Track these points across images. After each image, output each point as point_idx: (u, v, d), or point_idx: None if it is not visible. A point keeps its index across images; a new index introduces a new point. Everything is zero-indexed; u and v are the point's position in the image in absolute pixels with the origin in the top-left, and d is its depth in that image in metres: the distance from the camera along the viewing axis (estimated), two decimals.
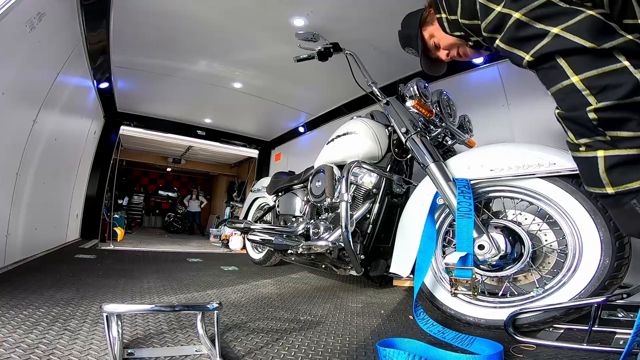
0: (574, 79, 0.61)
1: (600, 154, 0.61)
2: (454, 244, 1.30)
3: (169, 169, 10.63)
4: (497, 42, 0.76)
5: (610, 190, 0.62)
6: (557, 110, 0.69)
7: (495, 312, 1.22)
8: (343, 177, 1.58)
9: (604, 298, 1.00)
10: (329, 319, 1.36)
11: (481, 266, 1.27)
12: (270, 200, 2.76)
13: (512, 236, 1.26)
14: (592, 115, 0.60)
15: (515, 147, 1.33)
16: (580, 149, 0.65)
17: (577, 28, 0.61)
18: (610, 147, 0.60)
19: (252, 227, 2.39)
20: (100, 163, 4.49)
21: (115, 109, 4.42)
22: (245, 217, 3.17)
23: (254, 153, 5.85)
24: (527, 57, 0.69)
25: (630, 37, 0.60)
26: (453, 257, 1.16)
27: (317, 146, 2.59)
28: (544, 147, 1.22)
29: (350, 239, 1.52)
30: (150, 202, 11.20)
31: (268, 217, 2.84)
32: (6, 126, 1.83)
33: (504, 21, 0.71)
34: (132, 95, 4.09)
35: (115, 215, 5.52)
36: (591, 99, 0.60)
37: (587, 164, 0.64)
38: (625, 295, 1.06)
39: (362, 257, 1.71)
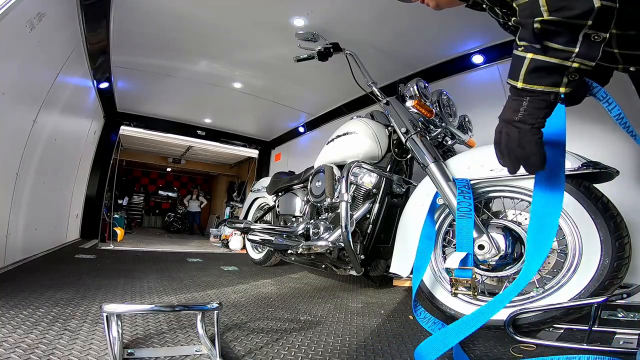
0: None
1: (529, 55, 0.75)
2: (454, 244, 1.30)
3: (169, 169, 10.62)
4: None
5: (520, 85, 0.78)
6: (514, 18, 0.79)
7: None
8: (343, 177, 1.58)
9: (604, 298, 1.00)
10: (329, 319, 1.36)
11: (481, 266, 1.27)
12: (270, 200, 2.76)
13: (512, 236, 1.27)
14: (536, 25, 0.71)
15: None
16: (520, 48, 0.78)
17: None
18: (539, 52, 0.74)
19: (252, 227, 2.39)
20: (100, 163, 4.49)
21: (115, 109, 4.42)
22: (245, 217, 3.17)
23: (254, 153, 5.84)
24: None
25: None
26: (453, 261, 1.16)
27: (317, 146, 2.59)
28: None
29: (350, 239, 1.52)
30: (150, 202, 11.18)
31: (268, 217, 2.84)
32: (6, 126, 1.83)
33: None
34: (132, 95, 4.09)
35: (115, 215, 5.51)
36: (545, 12, 0.69)
37: (518, 60, 0.78)
38: (625, 295, 1.07)
39: (362, 257, 1.71)
